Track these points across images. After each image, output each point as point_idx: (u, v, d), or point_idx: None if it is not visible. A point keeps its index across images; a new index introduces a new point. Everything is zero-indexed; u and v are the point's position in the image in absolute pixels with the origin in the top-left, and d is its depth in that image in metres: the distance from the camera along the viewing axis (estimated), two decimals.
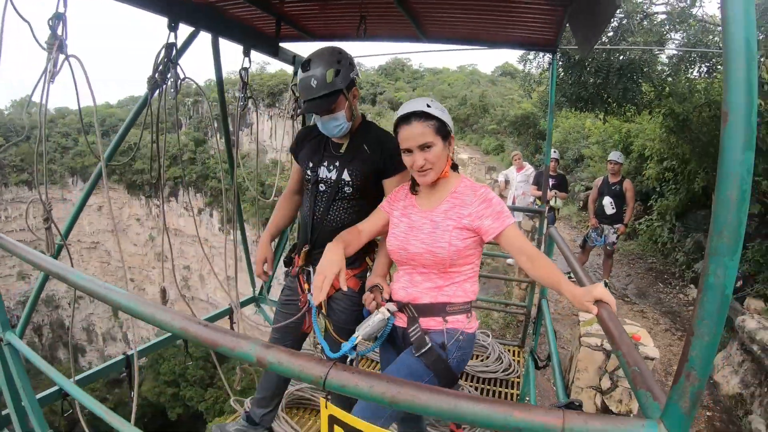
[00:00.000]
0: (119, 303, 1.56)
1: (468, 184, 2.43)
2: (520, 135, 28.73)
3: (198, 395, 42.53)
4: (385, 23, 4.36)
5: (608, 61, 10.04)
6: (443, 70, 65.62)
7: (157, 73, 3.32)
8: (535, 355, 4.06)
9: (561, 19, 3.74)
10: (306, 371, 1.22)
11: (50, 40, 2.49)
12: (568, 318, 8.25)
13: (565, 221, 15.64)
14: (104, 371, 4.08)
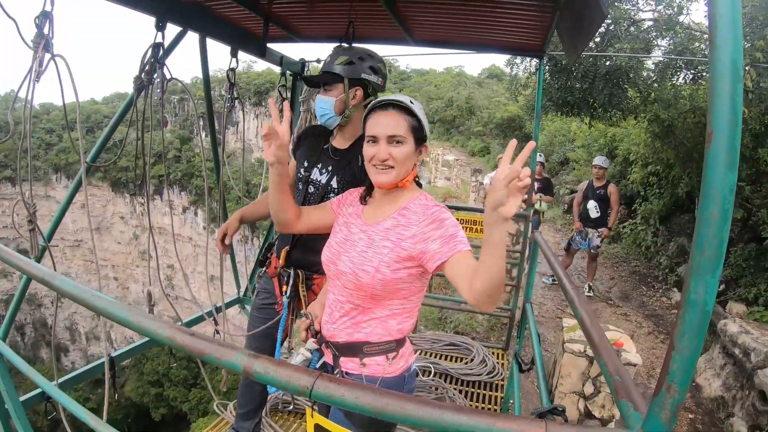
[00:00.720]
0: (106, 310, 1.56)
1: (422, 202, 2.09)
2: (505, 137, 28.99)
3: (182, 395, 42.35)
4: (373, 26, 4.35)
5: (595, 67, 10.11)
6: (430, 71, 65.98)
7: (143, 73, 3.31)
8: (519, 359, 4.07)
9: (549, 25, 3.76)
10: (293, 382, 1.22)
11: (36, 39, 2.48)
12: (552, 321, 8.31)
13: (549, 224, 15.72)
14: (87, 374, 4.05)
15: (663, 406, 1.06)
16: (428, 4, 3.71)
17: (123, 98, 34.54)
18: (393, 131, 2.01)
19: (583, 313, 2.02)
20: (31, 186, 2.74)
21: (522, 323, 4.15)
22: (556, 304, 9.04)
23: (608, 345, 1.65)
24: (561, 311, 8.71)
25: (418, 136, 2.07)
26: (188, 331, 1.40)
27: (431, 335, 5.73)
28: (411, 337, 5.59)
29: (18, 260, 2.06)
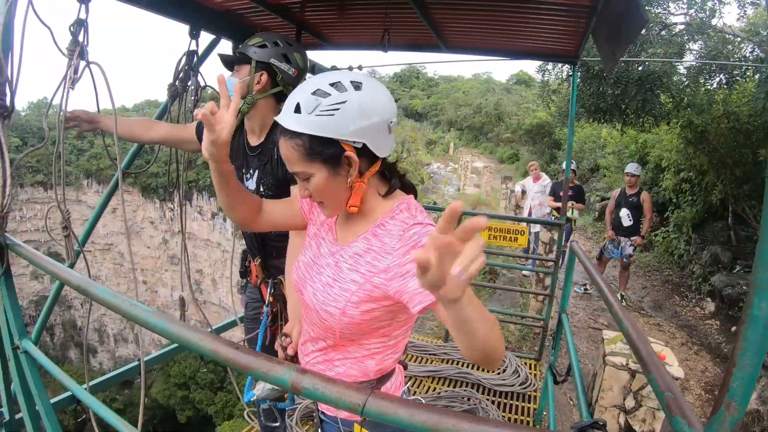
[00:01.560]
0: (146, 321, 1.55)
1: (402, 216, 1.59)
2: (535, 144, 28.76)
3: (208, 398, 42.63)
4: (407, 33, 4.35)
5: (627, 72, 9.98)
6: (458, 78, 65.94)
7: (177, 80, 3.33)
8: (554, 370, 4.00)
9: (583, 31, 3.71)
10: (344, 398, 1.18)
11: (71, 46, 2.48)
12: (584, 331, 8.19)
13: (580, 232, 15.57)
14: (117, 377, 4.05)
15: (721, 425, 1.04)
16: (461, 11, 3.69)
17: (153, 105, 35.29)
18: (291, 169, 1.56)
19: (629, 326, 1.95)
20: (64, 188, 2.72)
21: (557, 334, 4.07)
22: (588, 314, 8.92)
23: (657, 360, 1.60)
24: (593, 321, 8.59)
25: (326, 155, 1.49)
26: (232, 344, 1.36)
27: None
28: (443, 346, 5.56)
29: (56, 268, 2.07)
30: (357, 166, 1.51)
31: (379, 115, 1.50)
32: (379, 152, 1.55)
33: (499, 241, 5.67)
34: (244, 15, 4.00)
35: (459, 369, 5.06)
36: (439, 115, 50.55)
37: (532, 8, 3.39)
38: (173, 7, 3.26)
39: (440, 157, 36.59)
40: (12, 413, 3.08)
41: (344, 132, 1.45)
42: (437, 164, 31.38)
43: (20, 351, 2.58)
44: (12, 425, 3.10)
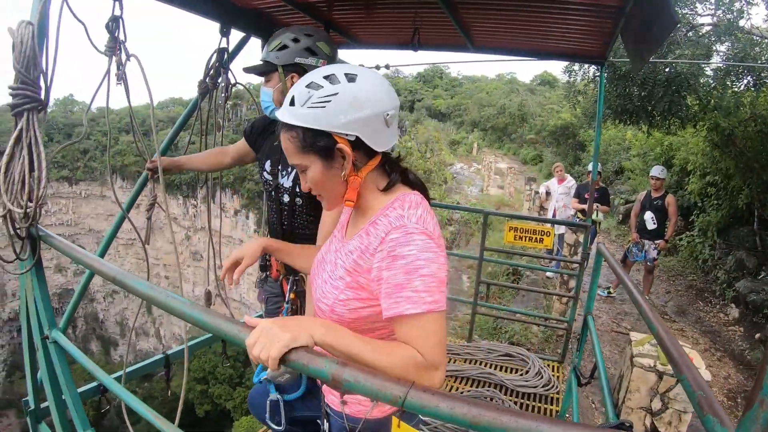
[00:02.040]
0: (183, 312, 1.57)
1: (393, 215, 1.53)
2: (559, 145, 28.63)
3: (226, 393, 42.90)
4: (435, 33, 4.36)
5: (654, 73, 9.88)
6: (482, 78, 65.76)
7: (207, 77, 3.36)
8: (578, 372, 3.98)
9: (611, 32, 3.69)
10: (385, 390, 1.19)
11: (110, 43, 2.52)
12: (607, 334, 8.12)
13: (604, 235, 15.44)
14: (144, 369, 4.14)
15: (755, 421, 1.02)
16: (489, 11, 3.69)
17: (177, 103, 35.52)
18: (291, 161, 1.58)
19: (660, 327, 1.95)
20: (113, 183, 2.75)
21: (582, 336, 4.05)
22: (611, 317, 8.84)
23: (688, 360, 1.61)
24: (616, 324, 8.52)
25: (319, 147, 1.50)
26: None
27: (486, 344, 5.67)
28: (466, 345, 5.56)
29: (91, 260, 2.11)
30: (350, 159, 1.51)
31: (373, 107, 1.48)
32: (376, 146, 1.54)
33: (525, 242, 5.65)
34: (272, 14, 4.04)
35: (482, 369, 5.06)
36: (462, 116, 50.37)
37: (560, 8, 3.38)
38: (204, 5, 3.31)
39: (463, 157, 36.48)
40: (37, 402, 3.14)
41: (335, 124, 1.46)
42: (460, 164, 31.28)
43: (50, 341, 2.63)
44: (37, 414, 3.15)
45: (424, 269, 1.40)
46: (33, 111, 2.26)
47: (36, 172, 2.25)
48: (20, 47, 2.18)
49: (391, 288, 1.42)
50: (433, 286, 1.40)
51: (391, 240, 1.45)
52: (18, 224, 2.35)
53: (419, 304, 1.38)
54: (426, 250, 1.42)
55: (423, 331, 1.39)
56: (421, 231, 1.45)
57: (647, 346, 5.11)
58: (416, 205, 1.56)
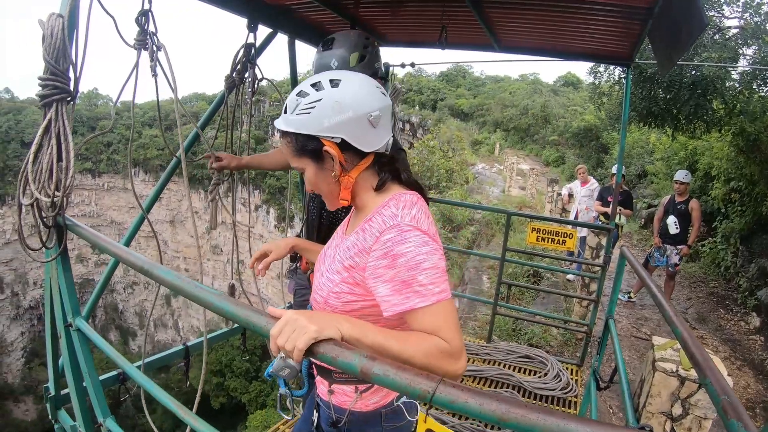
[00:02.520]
0: (211, 303, 1.58)
1: (388, 213, 1.59)
2: (581, 147, 28.42)
3: (242, 387, 43.28)
4: (462, 32, 4.35)
5: (680, 76, 9.78)
6: (505, 78, 65.20)
7: (234, 72, 3.38)
8: (598, 375, 3.96)
9: (638, 33, 3.66)
10: (414, 385, 1.19)
11: (139, 37, 2.54)
12: (626, 340, 8.06)
13: (625, 239, 15.27)
14: (164, 359, 4.17)
15: None
16: (515, 10, 3.68)
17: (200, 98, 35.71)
18: (291, 165, 1.70)
19: (685, 332, 1.94)
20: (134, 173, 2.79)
21: (603, 339, 4.03)
22: (631, 322, 8.77)
23: (713, 365, 1.60)
24: (636, 330, 8.45)
25: (310, 150, 1.60)
26: None
27: (505, 346, 5.65)
28: (485, 346, 5.54)
29: (118, 249, 2.13)
30: (338, 160, 1.59)
31: (355, 109, 1.55)
32: (363, 147, 1.60)
33: (547, 243, 5.61)
34: (299, 10, 4.05)
35: (501, 370, 5.04)
36: (485, 116, 50.13)
37: (586, 9, 3.36)
38: (233, 1, 3.32)
39: (485, 157, 36.33)
40: (58, 389, 3.18)
41: (320, 128, 1.55)
42: (482, 165, 31.15)
43: (73, 329, 2.66)
44: (57, 401, 3.20)
45: (425, 263, 1.48)
46: (62, 102, 2.29)
47: (64, 162, 2.28)
48: (50, 39, 2.21)
49: (398, 285, 1.49)
50: (437, 277, 1.48)
51: (387, 240, 1.52)
52: (45, 213, 2.37)
53: (428, 297, 1.46)
54: (423, 245, 1.50)
55: (439, 321, 1.46)
56: (415, 228, 1.53)
57: (669, 351, 5.07)
58: (411, 205, 1.62)
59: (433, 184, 20.97)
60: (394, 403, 1.86)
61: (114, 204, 66.16)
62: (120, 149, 63.12)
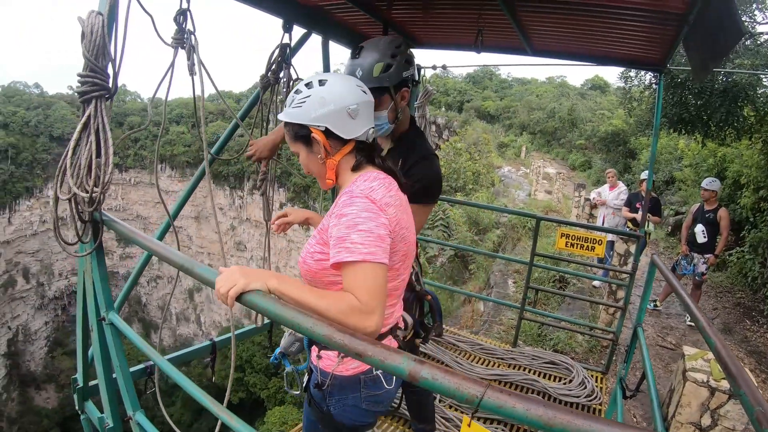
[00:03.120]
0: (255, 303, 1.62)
1: (349, 189, 1.90)
2: (609, 152, 28.13)
3: (261, 383, 43.60)
4: (496, 35, 4.33)
5: (711, 82, 9.66)
6: (532, 80, 64.75)
7: (269, 71, 3.40)
8: (625, 384, 3.92)
9: (672, 39, 3.61)
10: (461, 390, 1.21)
11: (177, 36, 2.57)
12: (652, 348, 7.97)
13: (652, 246, 15.06)
14: (193, 353, 4.28)
15: None
16: (548, 14, 3.66)
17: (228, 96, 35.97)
18: (291, 149, 2.06)
19: (718, 342, 1.92)
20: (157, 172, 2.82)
21: (631, 347, 3.99)
22: (657, 331, 8.66)
23: (747, 375, 1.61)
24: (661, 339, 8.35)
25: (301, 136, 1.95)
26: (346, 330, 1.43)
27: (531, 351, 5.62)
28: (510, 351, 5.52)
29: (155, 245, 2.17)
30: (323, 145, 1.91)
31: (336, 103, 1.89)
32: (343, 134, 1.92)
33: (576, 249, 5.56)
34: (332, 11, 4.07)
35: (526, 375, 5.01)
36: (511, 118, 49.70)
37: (619, 13, 3.32)
38: (267, 1, 3.34)
39: (512, 160, 36.01)
40: (86, 380, 3.23)
41: (308, 118, 1.90)
42: (508, 168, 30.90)
43: (106, 322, 2.69)
44: (84, 392, 3.24)
45: (362, 225, 1.74)
46: (101, 98, 2.32)
47: (102, 158, 2.31)
48: (90, 36, 2.24)
49: (334, 240, 1.75)
50: (369, 240, 1.72)
51: (340, 203, 1.84)
52: (82, 208, 2.41)
53: (355, 254, 1.69)
54: (366, 210, 1.78)
55: (359, 278, 1.69)
56: (365, 196, 1.82)
57: (700, 361, 5.02)
58: (372, 179, 1.93)
59: (460, 186, 20.87)
60: (373, 371, 2.08)
61: (140, 199, 66.91)
62: (147, 145, 63.86)
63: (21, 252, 61.81)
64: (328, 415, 2.09)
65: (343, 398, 2.07)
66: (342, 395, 2.07)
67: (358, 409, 2.08)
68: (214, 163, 3.51)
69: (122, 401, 2.85)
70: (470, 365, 5.19)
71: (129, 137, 62.07)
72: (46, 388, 57.20)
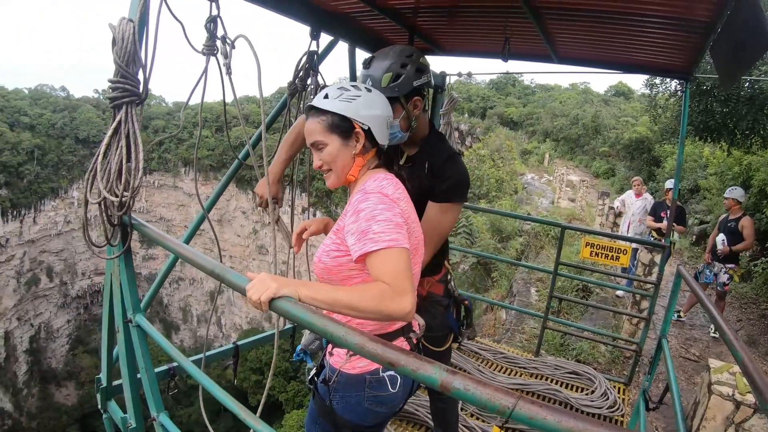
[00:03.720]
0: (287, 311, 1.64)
1: (362, 188, 1.99)
2: (632, 160, 27.84)
3: (280, 386, 43.70)
4: (522, 43, 4.32)
5: (737, 90, 9.52)
6: (555, 87, 64.43)
7: (297, 78, 3.43)
8: (648, 395, 3.88)
9: (699, 47, 3.57)
10: (493, 401, 1.21)
11: (208, 43, 2.60)
12: (675, 360, 7.86)
13: (676, 255, 14.86)
14: (216, 356, 4.33)
15: None
16: (575, 22, 3.63)
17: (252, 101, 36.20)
18: (311, 139, 2.04)
19: (745, 356, 1.90)
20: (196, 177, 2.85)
21: (655, 359, 3.95)
22: (680, 342, 8.53)
23: None
24: (684, 350, 8.23)
25: (341, 130, 2.00)
26: (378, 340, 1.43)
27: (553, 361, 5.60)
28: (533, 360, 5.49)
29: (187, 251, 2.19)
30: (362, 141, 2.02)
31: (382, 110, 2.07)
32: (379, 138, 2.07)
33: (601, 258, 5.51)
34: (358, 18, 4.07)
35: (548, 385, 4.98)
36: (534, 125, 49.51)
37: (645, 21, 3.29)
38: (295, 9, 3.37)
39: (535, 167, 35.81)
40: (110, 380, 3.27)
41: (356, 114, 1.99)
42: (531, 175, 30.71)
43: (132, 325, 2.72)
44: (108, 392, 3.29)
45: (380, 216, 1.83)
46: (132, 104, 2.36)
47: (133, 163, 2.34)
48: (121, 43, 2.28)
49: (357, 234, 1.82)
50: (389, 228, 1.81)
51: (355, 201, 1.92)
52: (111, 211, 2.44)
53: (379, 243, 1.77)
54: (380, 203, 1.88)
55: (386, 264, 1.76)
56: (377, 191, 1.93)
57: (726, 374, 4.95)
58: (382, 179, 2.03)
59: (483, 194, 20.80)
60: (380, 373, 2.10)
61: (163, 201, 67.58)
62: (171, 148, 64.60)
63: (45, 251, 62.82)
64: (330, 410, 2.14)
65: (347, 395, 2.11)
66: (346, 392, 2.11)
67: (361, 407, 2.11)
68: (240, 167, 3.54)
69: (144, 402, 2.88)
70: (492, 374, 5.18)
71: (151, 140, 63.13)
72: (66, 385, 57.95)
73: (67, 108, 66.64)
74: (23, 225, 60.91)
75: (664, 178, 18.03)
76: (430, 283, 2.94)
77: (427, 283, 2.93)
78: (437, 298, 2.96)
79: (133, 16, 2.36)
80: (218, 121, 64.23)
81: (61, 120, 64.41)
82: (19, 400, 54.70)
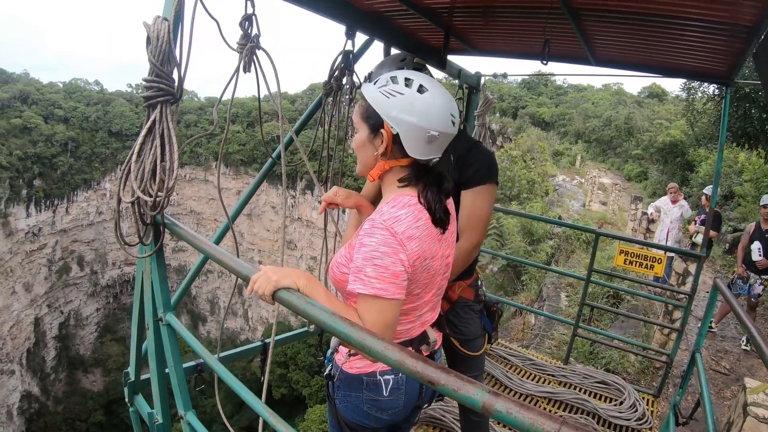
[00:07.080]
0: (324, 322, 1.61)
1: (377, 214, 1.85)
2: (666, 163, 27.33)
3: (304, 380, 44.07)
4: (560, 45, 4.27)
5: None
6: (587, 87, 63.57)
7: (332, 78, 3.42)
8: (678, 409, 3.80)
9: (741, 52, 3.47)
10: (536, 425, 1.17)
11: (242, 40, 2.59)
12: (705, 372, 7.68)
13: (709, 264, 14.55)
14: (244, 353, 4.45)
15: None
16: (613, 25, 3.58)
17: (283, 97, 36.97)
18: (354, 118, 1.99)
19: None
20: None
21: (687, 372, 3.86)
22: (711, 353, 8.33)
23: None
24: (715, 363, 8.05)
25: (370, 122, 1.88)
26: (419, 357, 1.38)
27: (582, 369, 5.53)
28: (562, 368, 5.41)
29: (222, 255, 2.19)
30: (386, 144, 1.84)
31: (420, 119, 1.79)
32: (409, 150, 1.83)
33: (635, 267, 5.41)
34: (393, 18, 4.04)
35: (577, 395, 4.91)
36: (566, 126, 48.89)
37: (684, 24, 3.21)
38: (332, 8, 3.35)
39: (566, 169, 35.30)
40: (138, 375, 3.30)
41: (387, 113, 1.81)
42: (563, 176, 30.27)
43: (162, 323, 2.72)
44: (135, 386, 3.31)
45: (377, 260, 1.74)
46: (166, 104, 2.36)
47: (167, 163, 2.34)
48: (156, 42, 2.27)
49: (353, 268, 1.78)
50: (383, 276, 1.73)
51: (363, 230, 1.81)
52: (144, 210, 2.44)
53: (368, 287, 1.73)
54: (384, 245, 1.75)
55: (370, 312, 1.75)
56: (386, 228, 1.77)
57: (762, 395, 4.81)
58: (403, 205, 1.86)
59: (514, 195, 20.65)
60: (377, 376, 2.06)
61: (194, 194, 68.44)
62: (202, 142, 65.37)
63: (77, 241, 64.12)
64: (334, 407, 2.17)
65: (347, 395, 2.11)
66: (347, 392, 2.11)
67: (360, 409, 2.10)
68: (263, 162, 3.55)
69: (171, 397, 2.89)
70: (521, 381, 5.13)
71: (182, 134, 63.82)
72: (93, 371, 59.12)
73: (101, 102, 67.99)
74: (56, 215, 62.32)
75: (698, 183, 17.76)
76: (461, 287, 2.95)
77: (458, 287, 2.94)
78: (469, 303, 2.97)
79: (167, 15, 2.35)
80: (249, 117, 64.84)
81: (94, 113, 65.83)
82: (46, 384, 55.99)
